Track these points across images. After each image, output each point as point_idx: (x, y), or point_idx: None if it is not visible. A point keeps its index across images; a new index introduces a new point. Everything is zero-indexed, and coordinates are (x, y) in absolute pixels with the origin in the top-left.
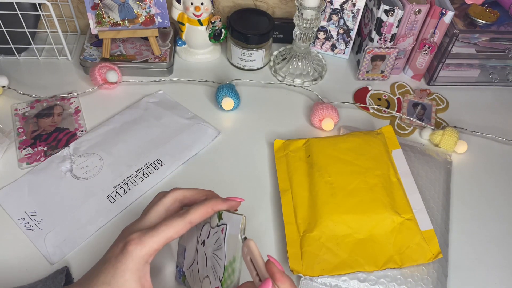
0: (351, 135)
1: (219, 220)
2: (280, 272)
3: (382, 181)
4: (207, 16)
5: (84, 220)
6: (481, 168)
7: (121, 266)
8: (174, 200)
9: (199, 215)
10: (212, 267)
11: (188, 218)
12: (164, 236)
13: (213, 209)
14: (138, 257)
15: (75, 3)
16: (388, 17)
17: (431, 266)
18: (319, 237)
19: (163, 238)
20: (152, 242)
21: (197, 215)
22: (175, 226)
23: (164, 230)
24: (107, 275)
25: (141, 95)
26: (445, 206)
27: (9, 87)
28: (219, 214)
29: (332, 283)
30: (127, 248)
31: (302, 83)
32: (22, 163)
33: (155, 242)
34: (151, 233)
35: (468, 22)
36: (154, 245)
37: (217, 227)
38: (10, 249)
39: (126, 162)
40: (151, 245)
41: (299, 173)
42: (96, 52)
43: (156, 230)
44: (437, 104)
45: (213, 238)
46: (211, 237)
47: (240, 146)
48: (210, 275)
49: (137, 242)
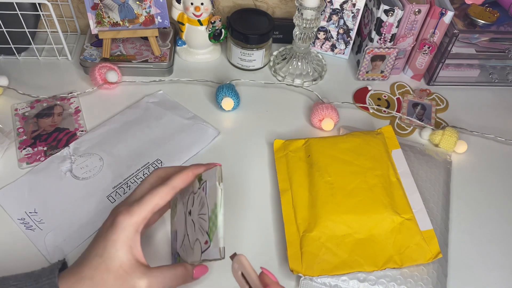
0: (351, 135)
1: (200, 183)
2: (274, 283)
3: (382, 181)
4: (207, 16)
5: (84, 220)
6: (481, 168)
7: (112, 236)
8: (157, 177)
9: (181, 180)
10: (200, 227)
11: (171, 184)
12: (150, 203)
13: (193, 173)
14: (127, 226)
15: (75, 3)
16: (388, 17)
17: (431, 266)
18: (319, 237)
19: (149, 206)
20: (140, 210)
21: (179, 179)
22: (159, 193)
23: (149, 199)
24: (99, 248)
25: (141, 95)
26: (445, 206)
27: (9, 87)
28: (199, 177)
29: (332, 283)
30: (116, 220)
31: (302, 83)
32: (22, 163)
33: (142, 210)
34: (137, 203)
35: (468, 22)
36: (142, 213)
37: (199, 190)
38: (10, 249)
39: (126, 162)
40: (139, 213)
41: (299, 173)
42: (96, 52)
43: (142, 199)
44: (437, 104)
45: (196, 202)
46: (195, 202)
47: (240, 146)
48: (198, 235)
49: (125, 213)
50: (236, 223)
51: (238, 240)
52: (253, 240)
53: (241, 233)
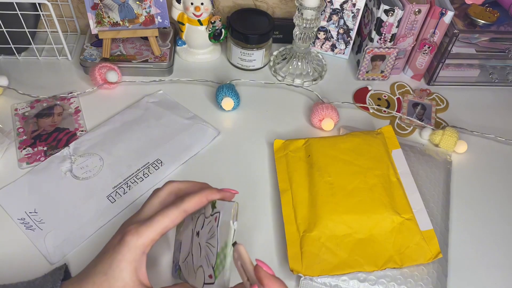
0: (351, 135)
1: (213, 210)
2: (268, 277)
3: (382, 181)
4: (207, 16)
5: (84, 220)
6: (481, 168)
7: (118, 256)
8: (169, 193)
9: (194, 204)
10: (206, 256)
11: (183, 207)
12: (160, 225)
13: (207, 198)
14: (135, 247)
15: (75, 3)
16: (388, 17)
17: (431, 266)
18: (319, 237)
19: (159, 228)
20: (149, 232)
21: (192, 203)
22: (170, 215)
23: (159, 220)
24: (104, 265)
25: (141, 95)
26: (445, 206)
27: (9, 87)
28: (213, 204)
29: (332, 283)
30: (124, 239)
31: (302, 83)
32: (22, 163)
33: (151, 232)
34: (147, 223)
35: (468, 22)
36: (150, 235)
37: (211, 216)
38: (10, 249)
39: (126, 162)
40: (147, 235)
41: (299, 173)
42: (96, 52)
43: (151, 220)
44: (437, 104)
45: (207, 227)
46: (205, 227)
47: (240, 146)
48: (203, 264)
49: (133, 232)
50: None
51: (238, 240)
52: (253, 240)
53: (241, 233)
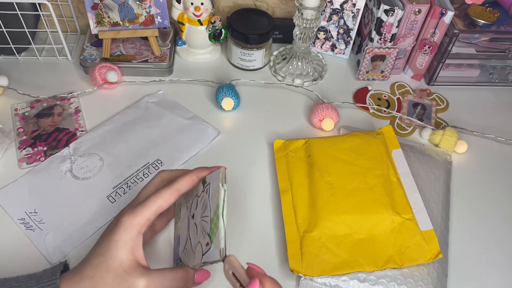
0: (351, 135)
1: (204, 185)
2: (260, 275)
3: (382, 181)
4: (207, 16)
5: (84, 220)
6: (481, 168)
7: (115, 236)
8: (161, 179)
9: (185, 182)
10: (202, 230)
11: (175, 186)
12: (154, 204)
13: (197, 176)
14: (131, 226)
15: (75, 3)
16: (388, 17)
17: (431, 266)
18: (319, 237)
19: (153, 207)
20: (144, 211)
21: (183, 182)
22: (163, 195)
23: (154, 200)
24: (102, 247)
25: (141, 95)
26: (445, 206)
27: (9, 87)
28: (203, 181)
29: (332, 283)
30: (120, 220)
31: (302, 83)
32: (22, 163)
33: (146, 211)
34: (142, 204)
35: (468, 22)
36: (146, 214)
37: (202, 192)
38: (10, 249)
39: (126, 162)
40: (143, 214)
41: (299, 173)
42: (96, 52)
43: (146, 201)
44: (437, 104)
45: (200, 205)
46: (199, 205)
47: (240, 146)
48: (200, 238)
49: (129, 213)
50: (236, 223)
51: (238, 240)
52: (253, 240)
53: (241, 233)
